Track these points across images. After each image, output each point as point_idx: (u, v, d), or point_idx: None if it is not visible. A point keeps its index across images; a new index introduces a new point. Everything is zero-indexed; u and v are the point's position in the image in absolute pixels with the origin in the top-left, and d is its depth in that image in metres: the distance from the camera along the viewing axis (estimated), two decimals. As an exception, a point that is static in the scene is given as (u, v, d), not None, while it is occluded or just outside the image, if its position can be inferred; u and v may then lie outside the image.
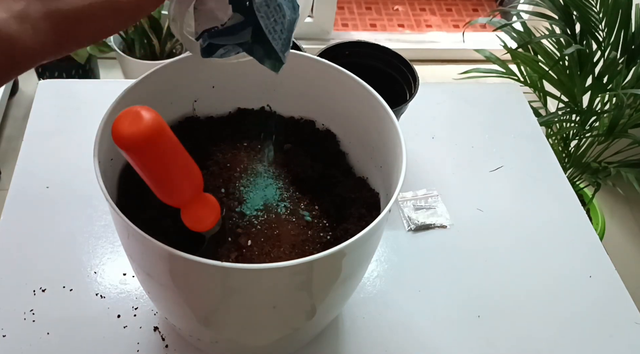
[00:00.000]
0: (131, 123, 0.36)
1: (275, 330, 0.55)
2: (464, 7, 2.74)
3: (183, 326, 0.60)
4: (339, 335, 0.67)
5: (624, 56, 1.31)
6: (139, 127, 0.36)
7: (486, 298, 0.73)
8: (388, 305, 0.71)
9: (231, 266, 0.42)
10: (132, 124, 0.36)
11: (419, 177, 0.86)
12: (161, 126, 0.37)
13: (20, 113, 1.92)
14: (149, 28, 1.73)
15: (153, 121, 0.36)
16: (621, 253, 1.74)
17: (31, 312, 0.65)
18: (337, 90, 0.61)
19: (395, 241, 0.78)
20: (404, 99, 0.80)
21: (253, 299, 0.48)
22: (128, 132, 0.36)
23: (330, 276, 0.49)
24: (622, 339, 0.70)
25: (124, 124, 0.36)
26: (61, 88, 0.93)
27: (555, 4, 1.35)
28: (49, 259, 0.70)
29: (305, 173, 0.62)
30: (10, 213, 0.74)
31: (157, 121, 0.37)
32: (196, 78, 0.62)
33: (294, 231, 0.55)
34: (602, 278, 0.77)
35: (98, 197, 0.76)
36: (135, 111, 0.37)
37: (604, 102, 1.40)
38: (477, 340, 0.69)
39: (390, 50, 0.83)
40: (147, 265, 0.49)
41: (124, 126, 0.36)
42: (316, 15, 2.20)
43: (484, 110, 0.99)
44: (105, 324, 0.65)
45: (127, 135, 0.36)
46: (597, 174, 1.42)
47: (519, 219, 0.83)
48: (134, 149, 0.37)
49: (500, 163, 0.90)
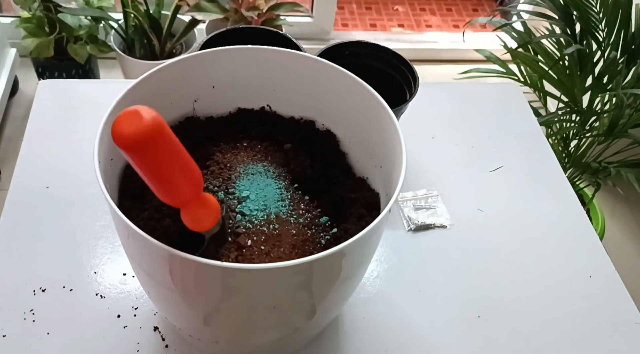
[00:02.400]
0: (131, 123, 0.36)
1: (275, 330, 0.55)
2: (464, 7, 2.74)
3: (183, 326, 0.60)
4: (339, 335, 0.67)
5: (624, 56, 1.31)
6: (138, 127, 0.36)
7: (486, 298, 0.73)
8: (388, 305, 0.71)
9: (231, 266, 0.42)
10: (132, 124, 0.36)
11: (419, 177, 0.86)
12: (161, 126, 0.37)
13: (20, 113, 1.92)
14: (149, 28, 1.73)
15: (153, 121, 0.36)
16: (621, 253, 1.74)
17: (31, 312, 0.65)
18: (337, 90, 0.61)
19: (395, 241, 0.78)
20: (404, 99, 0.80)
21: (253, 300, 0.48)
22: (128, 131, 0.36)
23: (330, 276, 0.49)
24: (622, 339, 0.70)
25: (124, 124, 0.36)
26: (61, 88, 0.93)
27: (555, 4, 1.35)
28: (49, 259, 0.70)
29: (305, 173, 0.62)
30: (10, 213, 0.74)
31: (157, 121, 0.37)
32: (196, 78, 0.62)
33: (294, 231, 0.55)
34: (602, 278, 0.77)
35: (98, 197, 0.76)
36: (135, 111, 0.37)
37: (604, 102, 1.40)
38: (477, 340, 0.69)
39: (390, 50, 0.83)
40: (147, 265, 0.49)
41: (124, 126, 0.36)
42: (316, 15, 2.20)
43: (484, 110, 0.99)
44: (105, 324, 0.65)
45: (127, 135, 0.36)
46: (597, 174, 1.42)
47: (519, 219, 0.83)
48: (134, 149, 0.37)
49: (500, 163, 0.90)
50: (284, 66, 0.63)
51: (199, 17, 1.69)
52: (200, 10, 1.67)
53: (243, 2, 1.73)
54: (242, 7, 1.72)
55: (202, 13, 1.67)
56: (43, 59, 1.78)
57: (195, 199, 0.45)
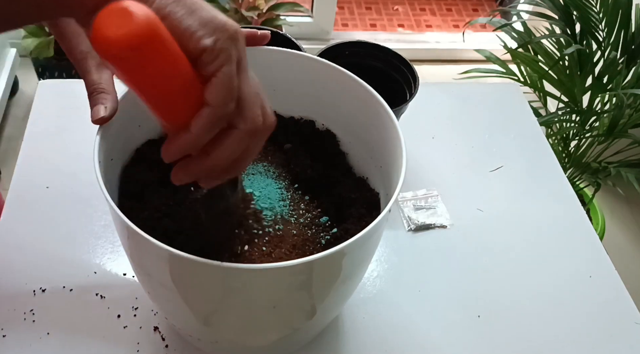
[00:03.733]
0: (120, 24, 0.28)
1: (275, 330, 0.55)
2: (464, 7, 2.74)
3: (183, 326, 0.60)
4: (339, 335, 0.67)
5: (624, 56, 1.31)
6: (130, 28, 0.28)
7: (486, 298, 0.73)
8: (388, 305, 0.71)
9: (231, 266, 0.42)
10: (121, 25, 0.28)
11: (419, 177, 0.86)
12: (157, 26, 0.29)
13: (20, 113, 1.92)
14: (149, 28, 1.73)
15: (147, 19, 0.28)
16: (621, 253, 1.74)
17: (31, 312, 0.65)
18: (337, 90, 0.61)
19: (396, 241, 0.78)
20: (404, 99, 0.80)
21: (253, 300, 0.48)
22: (116, 34, 0.28)
23: (330, 276, 0.49)
24: (622, 340, 0.70)
25: (110, 24, 0.28)
26: (61, 88, 0.93)
27: (555, 4, 1.35)
28: (49, 259, 0.70)
29: (305, 173, 0.62)
30: (10, 213, 0.74)
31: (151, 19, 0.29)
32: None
33: (295, 231, 0.55)
34: (602, 278, 0.77)
35: (98, 197, 0.76)
36: (123, 7, 0.28)
37: (604, 102, 1.40)
38: (477, 340, 0.69)
39: (390, 50, 0.83)
40: (147, 265, 0.49)
41: (109, 27, 0.28)
42: (316, 15, 2.20)
43: (484, 110, 0.99)
44: (105, 324, 0.65)
45: (116, 40, 0.28)
46: (597, 174, 1.42)
47: (519, 219, 0.83)
48: (125, 58, 0.29)
49: (500, 163, 0.90)
50: (284, 66, 0.62)
51: (199, 17, 1.69)
52: (200, 10, 1.66)
53: (243, 2, 1.73)
54: (242, 7, 1.72)
55: (202, 13, 1.67)
56: (43, 59, 1.78)
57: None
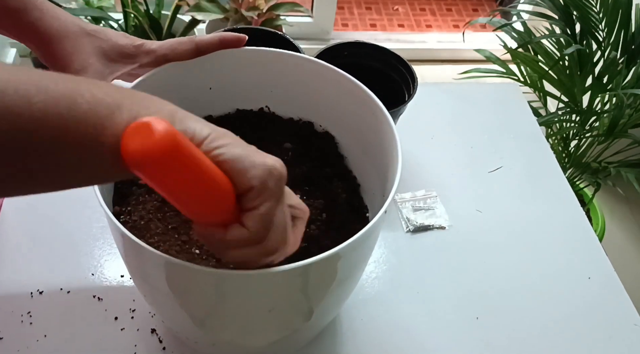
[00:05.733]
0: (141, 138, 0.31)
1: (272, 333, 0.55)
2: (464, 7, 2.73)
3: (180, 330, 0.60)
4: (337, 337, 0.67)
5: (624, 56, 1.31)
6: (149, 142, 0.31)
7: (485, 299, 0.73)
8: (386, 306, 0.70)
9: (226, 272, 0.42)
10: (142, 139, 0.31)
11: (418, 178, 0.86)
12: (175, 138, 0.32)
13: (20, 114, 1.92)
14: (149, 28, 1.73)
15: (166, 133, 0.32)
16: (621, 254, 1.73)
17: (28, 314, 0.65)
18: (334, 92, 0.61)
19: (394, 242, 0.77)
20: (403, 100, 0.79)
21: (249, 304, 0.47)
22: (136, 148, 0.31)
23: (326, 280, 0.49)
24: (621, 341, 0.70)
25: (133, 138, 0.32)
26: (59, 89, 0.92)
27: (555, 4, 1.34)
28: (46, 261, 0.70)
29: (303, 174, 0.62)
30: (8, 214, 0.74)
31: (170, 133, 0.32)
32: (195, 80, 0.62)
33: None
34: (601, 279, 0.76)
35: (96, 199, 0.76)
36: (145, 123, 0.32)
37: (604, 102, 1.40)
38: (475, 341, 0.68)
39: (389, 51, 0.83)
40: (143, 271, 0.49)
41: (132, 141, 0.32)
42: (316, 15, 2.20)
43: (484, 110, 0.99)
44: (102, 326, 0.65)
45: (136, 152, 0.31)
46: (597, 174, 1.41)
47: (518, 220, 0.83)
48: (146, 168, 0.32)
49: (500, 163, 0.90)
50: (282, 67, 0.62)
51: (199, 17, 1.69)
52: (200, 10, 1.66)
53: (243, 2, 1.73)
54: (242, 7, 1.72)
55: (202, 13, 1.67)
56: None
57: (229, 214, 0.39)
